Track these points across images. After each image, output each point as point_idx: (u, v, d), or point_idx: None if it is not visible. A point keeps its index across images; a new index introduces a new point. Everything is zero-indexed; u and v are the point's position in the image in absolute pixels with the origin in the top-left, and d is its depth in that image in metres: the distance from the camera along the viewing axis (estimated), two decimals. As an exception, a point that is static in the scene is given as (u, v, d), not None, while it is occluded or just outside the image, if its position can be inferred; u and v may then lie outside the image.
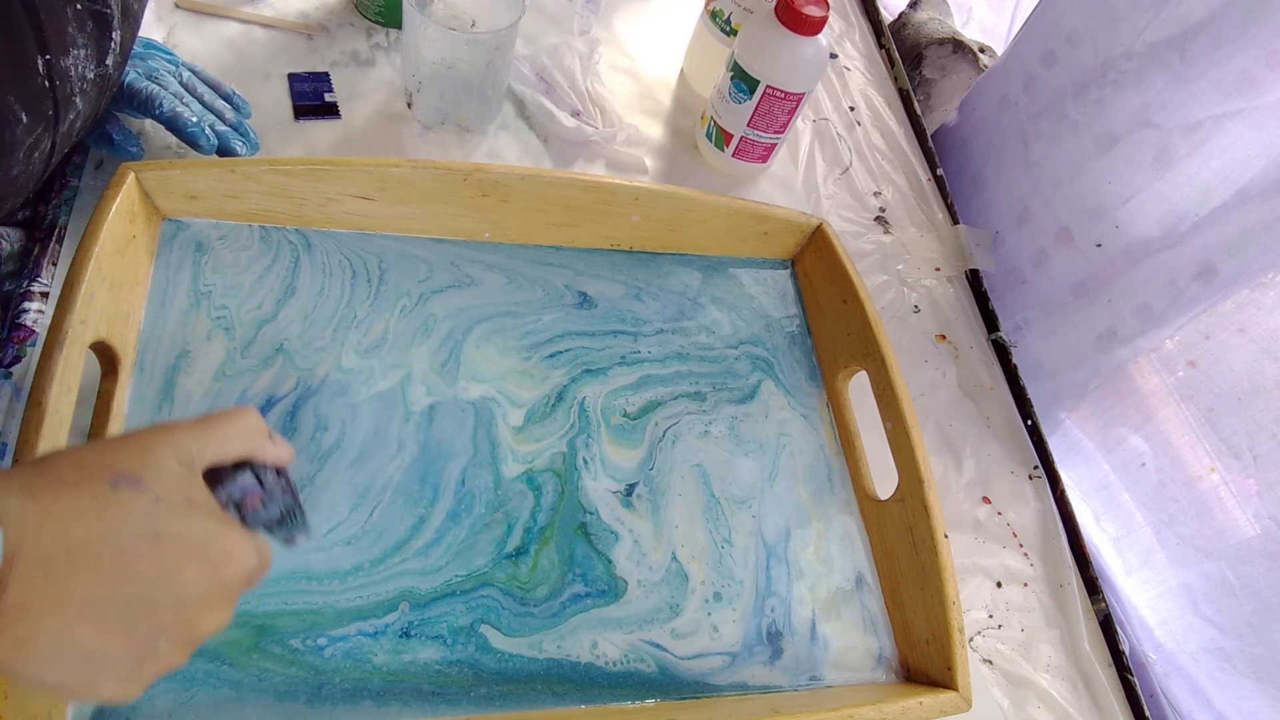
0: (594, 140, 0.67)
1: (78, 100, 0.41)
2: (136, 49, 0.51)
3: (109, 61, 0.42)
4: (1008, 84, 0.75)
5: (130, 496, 0.27)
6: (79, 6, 0.38)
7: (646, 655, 0.45)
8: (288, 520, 0.34)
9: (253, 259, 0.50)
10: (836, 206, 0.73)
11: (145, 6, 0.46)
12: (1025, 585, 0.57)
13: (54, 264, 0.49)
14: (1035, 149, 0.71)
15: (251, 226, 0.51)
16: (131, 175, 0.45)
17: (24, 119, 0.37)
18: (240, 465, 0.33)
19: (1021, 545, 0.59)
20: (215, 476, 0.32)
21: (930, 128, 0.84)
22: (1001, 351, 0.68)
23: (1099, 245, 0.64)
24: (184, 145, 0.52)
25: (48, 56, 0.37)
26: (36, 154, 0.40)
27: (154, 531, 0.27)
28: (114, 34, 0.41)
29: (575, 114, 0.67)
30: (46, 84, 0.38)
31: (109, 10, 0.40)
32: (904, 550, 0.49)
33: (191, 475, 0.30)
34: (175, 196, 0.48)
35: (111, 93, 0.46)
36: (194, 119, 0.51)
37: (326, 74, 0.64)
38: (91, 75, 0.41)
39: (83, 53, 0.39)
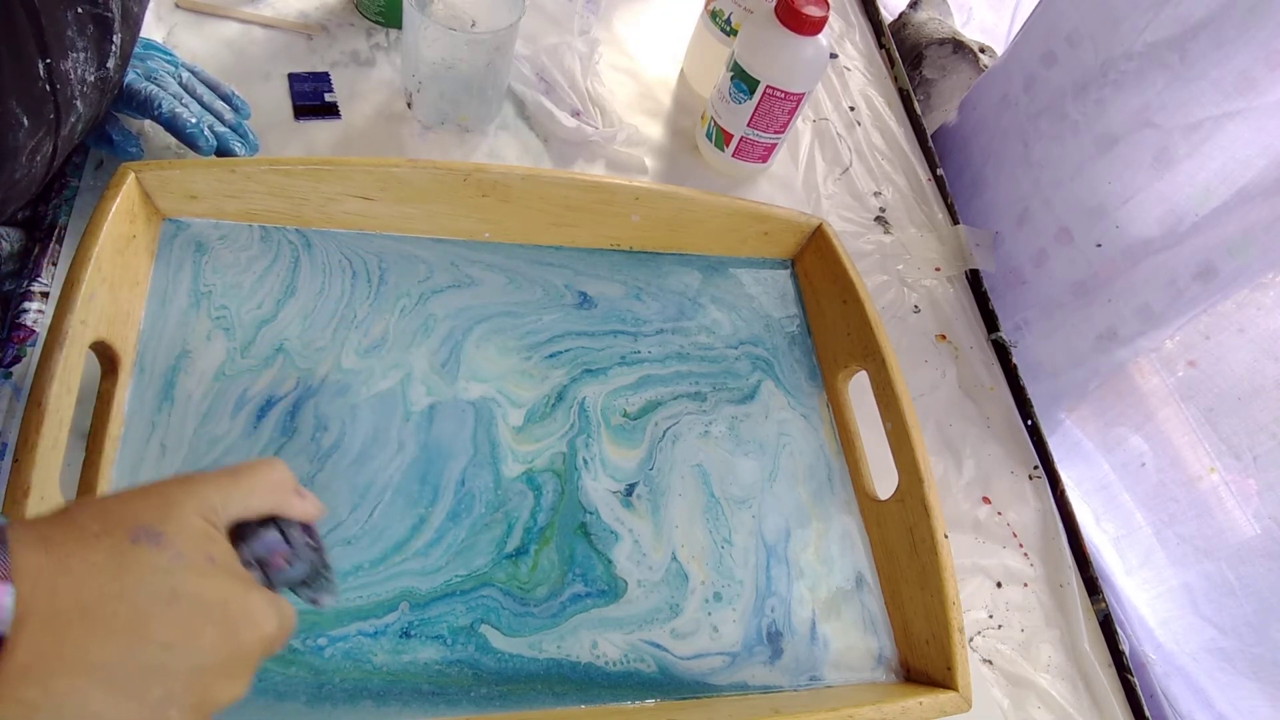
0: (594, 140, 0.67)
1: (79, 103, 0.41)
2: (136, 49, 0.51)
3: (110, 64, 0.42)
4: (1008, 84, 0.75)
5: (150, 553, 0.26)
6: (80, 10, 0.38)
7: (646, 655, 0.45)
8: (313, 580, 0.33)
9: (253, 259, 0.50)
10: (836, 206, 0.73)
11: (145, 9, 0.46)
12: (1025, 585, 0.57)
13: (54, 264, 0.49)
14: (1035, 149, 0.71)
15: (251, 226, 0.51)
16: (131, 175, 0.45)
17: (26, 123, 0.37)
18: (266, 521, 0.31)
19: (1021, 545, 0.59)
20: (240, 532, 0.31)
21: (930, 128, 0.84)
22: (1001, 351, 0.68)
23: (1099, 245, 0.64)
24: (184, 146, 0.52)
25: (49, 60, 0.37)
26: (38, 158, 0.40)
27: (172, 591, 0.26)
28: (114, 37, 0.41)
29: (575, 114, 0.67)
30: (48, 88, 0.38)
31: (110, 14, 0.40)
32: (904, 550, 0.49)
33: (215, 531, 0.29)
34: (175, 196, 0.48)
35: (112, 95, 0.46)
36: (193, 120, 0.51)
37: (326, 74, 0.64)
38: (92, 78, 0.41)
39: (83, 56, 0.39)
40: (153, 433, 0.44)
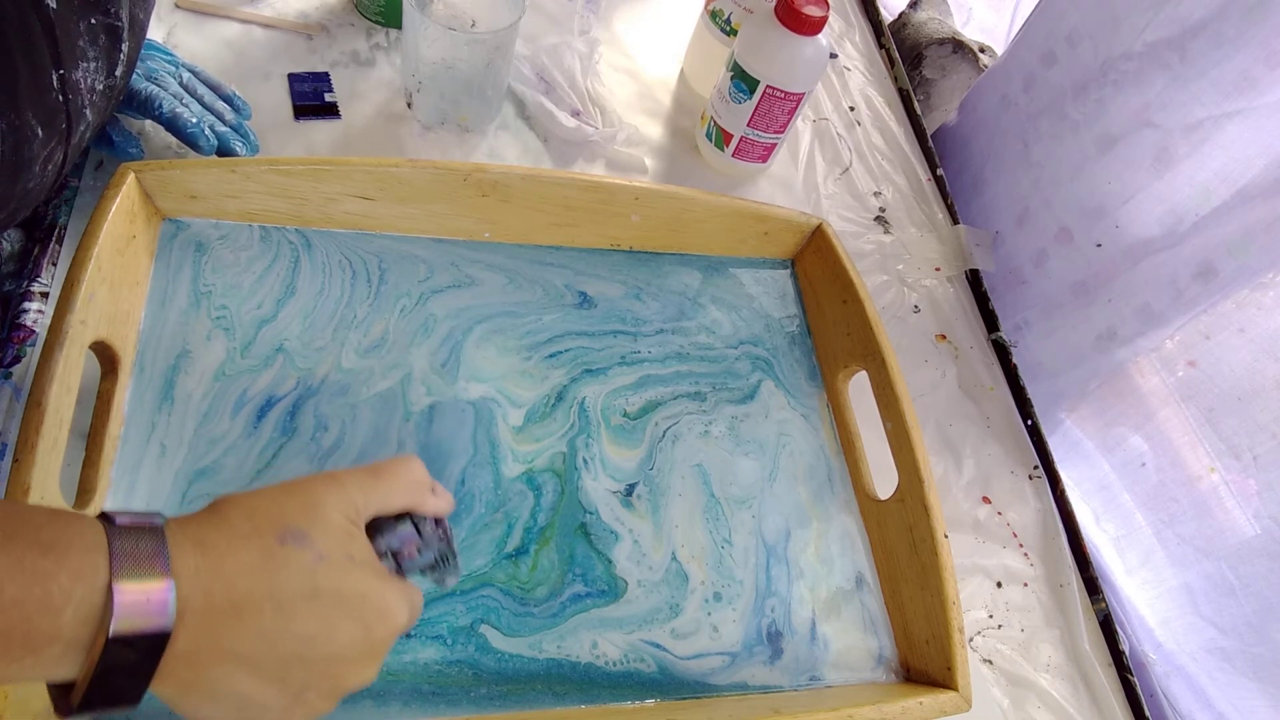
0: (594, 140, 0.67)
1: (88, 112, 0.41)
2: (136, 51, 0.51)
3: (118, 72, 0.42)
4: (1008, 84, 0.75)
5: (295, 553, 0.29)
6: (93, 21, 0.38)
7: (646, 655, 0.45)
8: (440, 564, 0.35)
9: (253, 259, 0.50)
10: (836, 206, 0.73)
11: (150, 16, 0.46)
12: (1025, 585, 0.57)
13: (54, 264, 0.49)
14: (1035, 149, 0.71)
15: (251, 226, 0.51)
16: (131, 175, 0.45)
17: (40, 134, 0.37)
18: (401, 516, 0.34)
19: (1021, 545, 0.59)
20: (376, 525, 0.33)
21: (930, 128, 0.84)
22: (1001, 351, 0.68)
23: (1099, 245, 0.64)
24: (184, 146, 0.52)
25: (61, 71, 0.37)
26: (50, 166, 0.40)
27: (315, 589, 0.29)
28: (123, 45, 0.41)
29: (575, 114, 0.68)
30: (60, 98, 0.38)
31: (119, 23, 0.40)
32: (904, 550, 0.49)
33: (355, 529, 0.31)
34: (175, 196, 0.48)
35: (117, 101, 0.46)
36: (193, 120, 0.51)
37: (326, 74, 0.64)
38: (101, 87, 0.41)
39: (94, 65, 0.40)
40: (153, 433, 0.44)
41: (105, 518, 0.27)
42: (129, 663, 0.25)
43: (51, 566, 0.24)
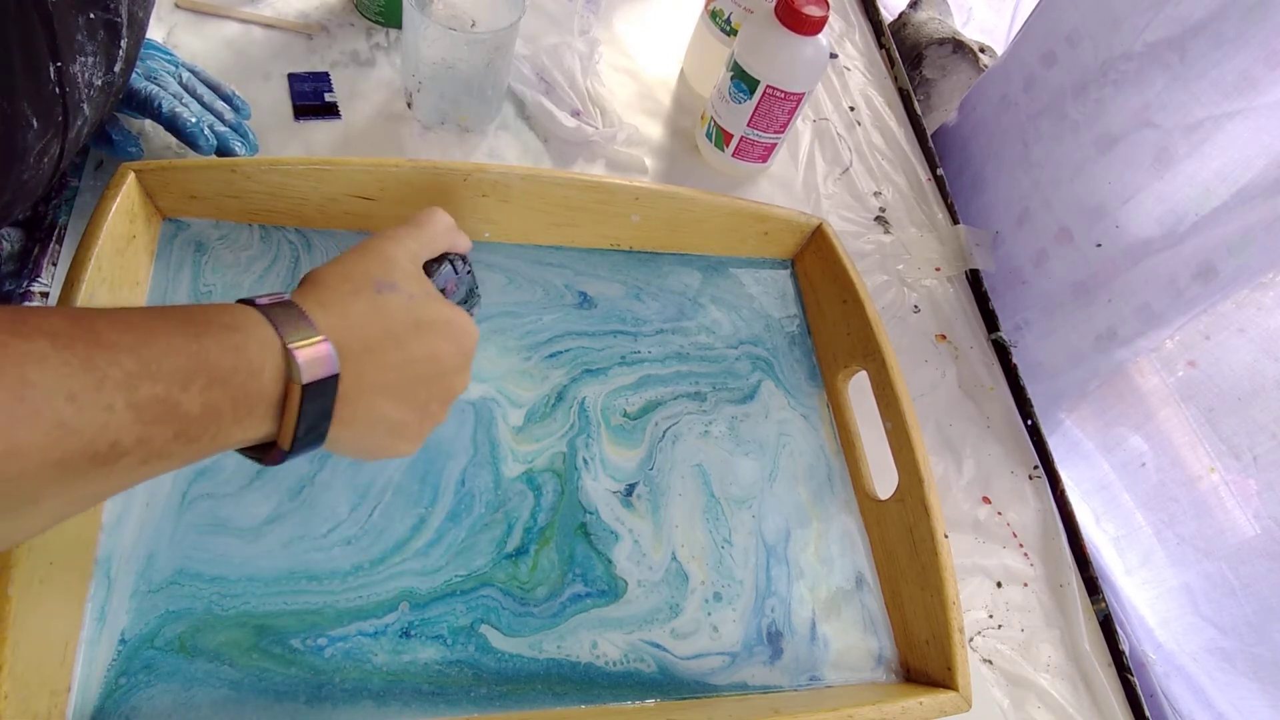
0: (594, 140, 0.67)
1: (85, 107, 0.41)
2: (136, 50, 0.51)
3: (116, 69, 0.43)
4: (1008, 84, 0.75)
5: (392, 298, 0.34)
6: (91, 16, 0.39)
7: (646, 655, 0.45)
8: (469, 299, 0.44)
9: (253, 259, 0.50)
10: (836, 206, 0.73)
11: (150, 14, 0.46)
12: (1025, 585, 0.57)
13: (54, 264, 0.49)
14: (1035, 149, 0.71)
15: (251, 226, 0.51)
16: (131, 175, 0.45)
17: (35, 124, 0.37)
18: (440, 259, 0.41)
19: (1021, 545, 0.59)
20: (425, 269, 0.39)
21: (930, 128, 0.84)
22: (1001, 351, 0.68)
23: (1099, 245, 0.64)
24: (184, 145, 0.51)
25: (59, 64, 0.37)
26: (45, 159, 0.40)
27: (415, 321, 0.35)
28: (122, 42, 0.42)
29: (575, 114, 0.68)
30: (57, 91, 0.38)
31: (119, 19, 0.40)
32: (904, 550, 0.49)
33: (420, 272, 0.37)
34: (175, 196, 0.48)
35: (116, 99, 0.47)
36: (193, 119, 0.51)
37: (326, 74, 0.64)
38: (99, 83, 0.41)
39: (92, 60, 0.40)
40: (153, 433, 0.43)
41: (247, 301, 0.31)
42: (317, 407, 0.31)
43: (242, 341, 0.29)
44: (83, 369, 0.25)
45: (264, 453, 0.32)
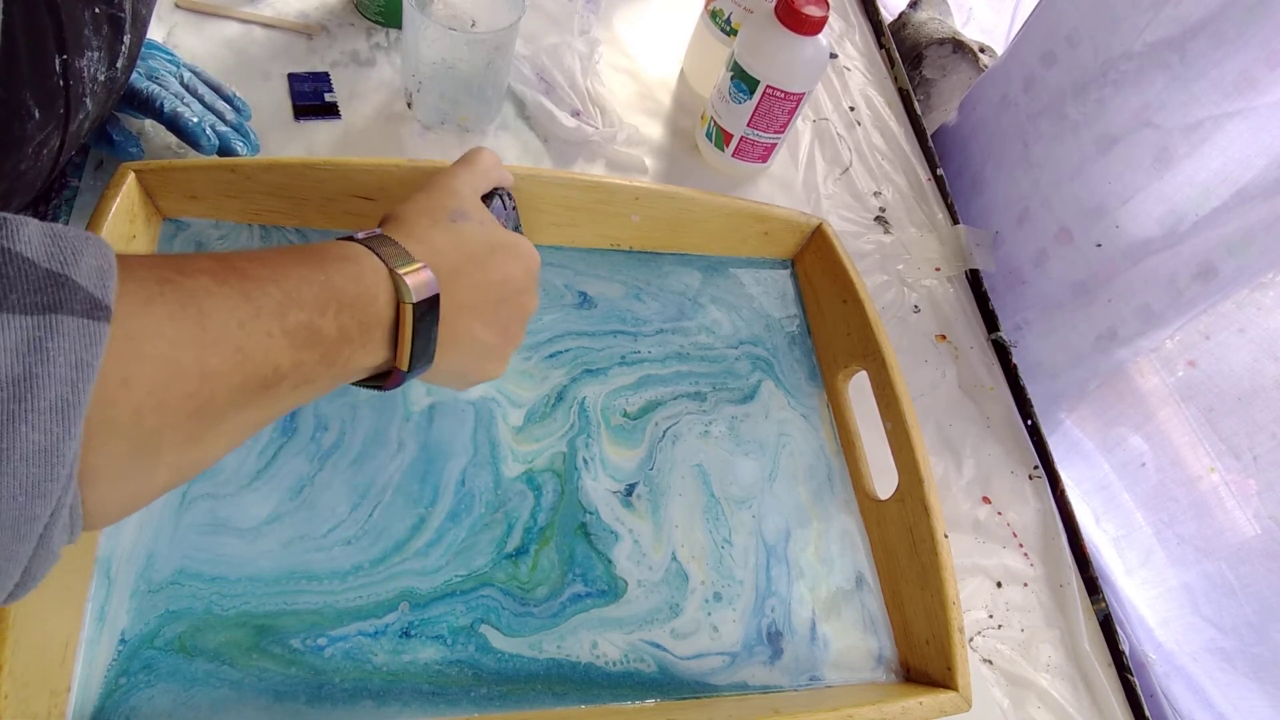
0: (594, 140, 0.67)
1: (88, 101, 0.41)
2: (137, 50, 0.52)
3: (119, 65, 0.43)
4: (1008, 84, 0.75)
5: (466, 226, 0.38)
6: (97, 10, 0.39)
7: (646, 655, 0.45)
8: (518, 230, 0.47)
9: (253, 259, 0.50)
10: (836, 206, 0.73)
11: (152, 12, 0.46)
12: (1025, 585, 0.57)
13: (54, 264, 0.49)
14: (1035, 149, 0.71)
15: (251, 226, 0.51)
16: (131, 175, 0.45)
17: (36, 115, 0.38)
18: (490, 193, 0.44)
19: (1021, 545, 0.59)
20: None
21: (930, 128, 0.84)
22: (1001, 351, 0.68)
23: (1099, 245, 0.64)
24: (184, 145, 0.51)
25: (64, 56, 0.38)
26: (45, 151, 0.40)
27: (489, 245, 0.38)
28: (125, 38, 0.42)
29: (575, 114, 0.67)
30: (61, 83, 0.38)
31: (123, 14, 0.41)
32: (904, 550, 0.49)
33: (481, 203, 0.41)
34: (175, 196, 0.48)
35: (117, 96, 0.47)
36: (195, 119, 0.51)
37: (326, 74, 0.64)
38: (102, 78, 0.41)
39: (96, 55, 0.40)
40: (153, 433, 0.43)
41: (347, 238, 0.33)
42: (425, 325, 0.34)
43: (357, 271, 0.31)
44: (242, 300, 0.27)
45: (382, 381, 0.35)
